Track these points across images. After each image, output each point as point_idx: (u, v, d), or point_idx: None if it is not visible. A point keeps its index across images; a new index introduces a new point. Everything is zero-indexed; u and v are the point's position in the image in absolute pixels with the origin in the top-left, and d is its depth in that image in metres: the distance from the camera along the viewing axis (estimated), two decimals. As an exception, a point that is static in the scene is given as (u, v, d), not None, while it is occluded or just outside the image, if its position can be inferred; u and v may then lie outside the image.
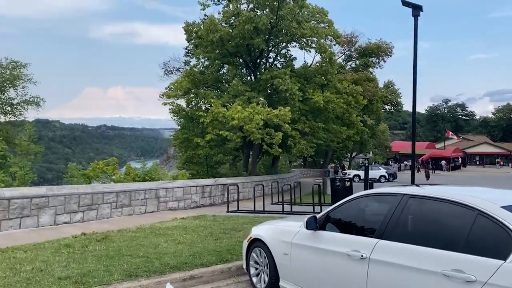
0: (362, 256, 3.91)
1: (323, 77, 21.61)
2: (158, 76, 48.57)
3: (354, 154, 61.04)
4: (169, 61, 34.12)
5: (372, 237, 3.99)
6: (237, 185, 15.67)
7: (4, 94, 26.08)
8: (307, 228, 4.79)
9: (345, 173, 41.43)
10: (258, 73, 23.31)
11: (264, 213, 13.62)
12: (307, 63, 23.38)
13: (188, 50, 32.08)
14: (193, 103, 21.28)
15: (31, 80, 26.56)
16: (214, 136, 19.52)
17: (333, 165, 52.64)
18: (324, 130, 22.59)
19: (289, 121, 18.89)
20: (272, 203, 17.54)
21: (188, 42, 23.46)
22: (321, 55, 22.33)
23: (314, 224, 4.78)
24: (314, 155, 47.39)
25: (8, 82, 25.46)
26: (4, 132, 22.52)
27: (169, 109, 33.92)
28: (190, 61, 31.51)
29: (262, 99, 19.63)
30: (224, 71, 26.07)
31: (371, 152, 60.93)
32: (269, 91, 21.52)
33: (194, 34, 22.03)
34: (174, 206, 14.93)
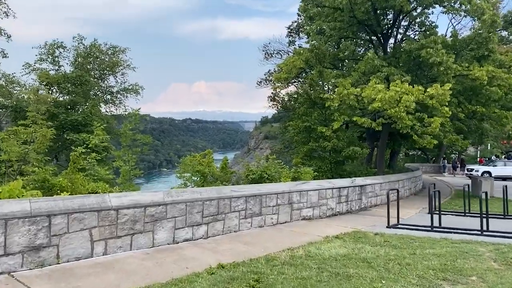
0: None
1: (481, 47, 16.47)
2: (258, 60, 46.84)
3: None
4: (269, 43, 31.10)
5: None
6: (397, 189, 11.51)
7: (104, 82, 24.95)
8: None
9: (471, 169, 34.87)
10: (388, 46, 18.88)
11: (450, 232, 9.40)
12: (456, 31, 18.29)
13: (291, 29, 28.63)
14: (314, 84, 17.54)
15: (130, 66, 25.11)
16: (341, 124, 15.62)
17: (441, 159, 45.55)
18: (481, 116, 17.49)
19: (446, 103, 14.27)
20: (431, 212, 13.17)
21: (303, 13, 19.78)
22: (476, 19, 17.15)
23: None
24: (425, 148, 41.24)
25: (108, 69, 24.18)
26: (105, 121, 21.05)
27: (269, 96, 30.75)
28: (295, 41, 28.09)
29: (405, 76, 15.23)
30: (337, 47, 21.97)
31: (489, 144, 52.34)
32: (408, 66, 16.97)
33: (311, 3, 18.23)
34: (309, 215, 11.41)
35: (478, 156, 49.25)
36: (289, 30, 28.21)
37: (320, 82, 17.29)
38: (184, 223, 8.00)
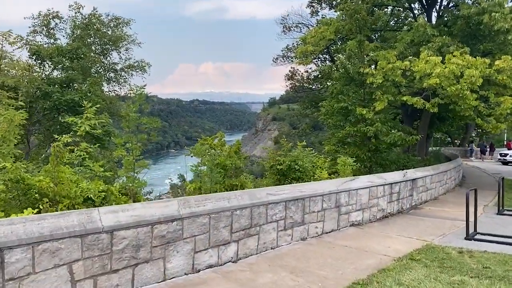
0: None
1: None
2: (276, 34, 44.58)
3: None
4: (287, 15, 28.28)
5: None
6: (475, 189, 8.94)
7: (106, 58, 22.47)
8: None
9: (505, 154, 32.19)
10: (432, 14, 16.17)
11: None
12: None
13: (313, -1, 25.76)
14: (353, 57, 14.98)
15: (135, 41, 22.57)
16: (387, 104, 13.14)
17: (467, 143, 42.71)
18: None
19: (518, 79, 11.72)
20: (501, 212, 10.82)
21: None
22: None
23: None
24: (449, 131, 38.50)
25: (110, 43, 21.69)
26: (108, 102, 18.68)
27: (286, 74, 28.15)
28: (318, 11, 25.29)
29: (462, 46, 12.65)
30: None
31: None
32: (461, 37, 14.31)
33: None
34: (358, 219, 9.11)
35: (505, 139, 46.28)
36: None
37: (359, 55, 14.68)
38: (207, 243, 5.73)
